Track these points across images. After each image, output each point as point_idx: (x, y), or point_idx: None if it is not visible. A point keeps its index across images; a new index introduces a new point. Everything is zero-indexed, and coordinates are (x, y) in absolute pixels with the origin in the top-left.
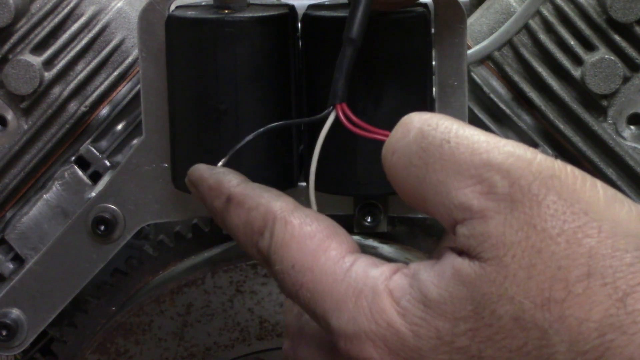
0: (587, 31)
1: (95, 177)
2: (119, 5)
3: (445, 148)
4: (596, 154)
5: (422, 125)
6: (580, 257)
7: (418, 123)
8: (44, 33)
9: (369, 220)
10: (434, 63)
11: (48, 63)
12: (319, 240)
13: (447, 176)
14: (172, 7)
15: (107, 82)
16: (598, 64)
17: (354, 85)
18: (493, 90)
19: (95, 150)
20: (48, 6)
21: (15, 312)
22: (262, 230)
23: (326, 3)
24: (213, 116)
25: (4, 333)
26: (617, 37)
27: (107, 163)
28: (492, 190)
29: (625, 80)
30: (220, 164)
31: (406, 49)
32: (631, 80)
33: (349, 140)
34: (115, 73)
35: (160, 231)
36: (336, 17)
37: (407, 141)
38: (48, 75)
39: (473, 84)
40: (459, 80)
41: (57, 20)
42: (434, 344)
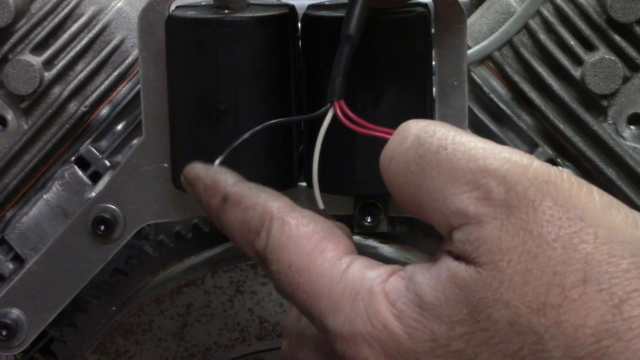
0: (587, 31)
1: (95, 177)
2: (119, 5)
3: (442, 155)
4: (596, 154)
5: (420, 132)
6: (576, 262)
7: (415, 130)
8: (44, 33)
9: (369, 220)
10: (434, 63)
11: (48, 63)
12: (316, 241)
13: (443, 182)
14: (172, 7)
15: (107, 82)
16: (598, 64)
17: (354, 85)
18: (493, 90)
19: (95, 150)
20: (48, 6)
21: (15, 312)
22: (259, 230)
23: (326, 3)
24: (213, 116)
25: (4, 333)
26: (617, 37)
27: (107, 163)
28: (488, 195)
29: (625, 80)
30: (217, 162)
31: (406, 48)
32: (631, 80)
33: (349, 140)
34: (115, 73)
35: (160, 231)
36: (336, 17)
37: (404, 148)
38: (48, 75)
39: (473, 84)
40: (459, 80)
41: (57, 20)
42: (429, 346)
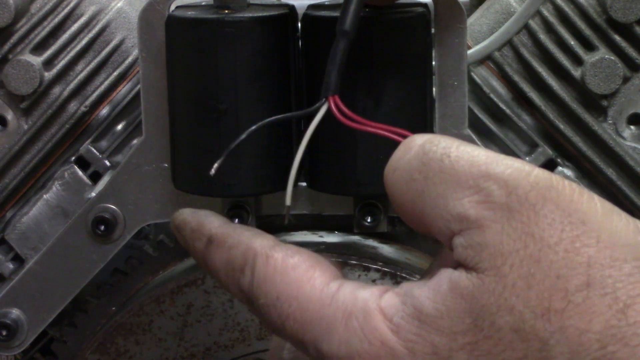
0: (587, 31)
1: (95, 177)
2: (119, 5)
3: (446, 162)
4: (596, 154)
5: (424, 143)
6: (579, 266)
7: (420, 141)
8: (44, 33)
9: (369, 220)
10: (434, 63)
11: (48, 63)
12: (303, 270)
13: (446, 188)
14: (172, 7)
15: (107, 82)
16: (598, 64)
17: (354, 85)
18: (493, 90)
19: (95, 150)
20: (48, 6)
21: (15, 312)
22: (243, 268)
23: (326, 3)
24: (213, 116)
25: (4, 333)
26: (617, 37)
27: (107, 163)
28: (489, 199)
29: (625, 80)
30: (215, 165)
31: (406, 48)
32: (631, 80)
33: (349, 140)
34: (115, 73)
35: (160, 231)
36: (336, 18)
37: (408, 158)
38: (48, 75)
39: (473, 84)
40: (459, 80)
41: (57, 20)
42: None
